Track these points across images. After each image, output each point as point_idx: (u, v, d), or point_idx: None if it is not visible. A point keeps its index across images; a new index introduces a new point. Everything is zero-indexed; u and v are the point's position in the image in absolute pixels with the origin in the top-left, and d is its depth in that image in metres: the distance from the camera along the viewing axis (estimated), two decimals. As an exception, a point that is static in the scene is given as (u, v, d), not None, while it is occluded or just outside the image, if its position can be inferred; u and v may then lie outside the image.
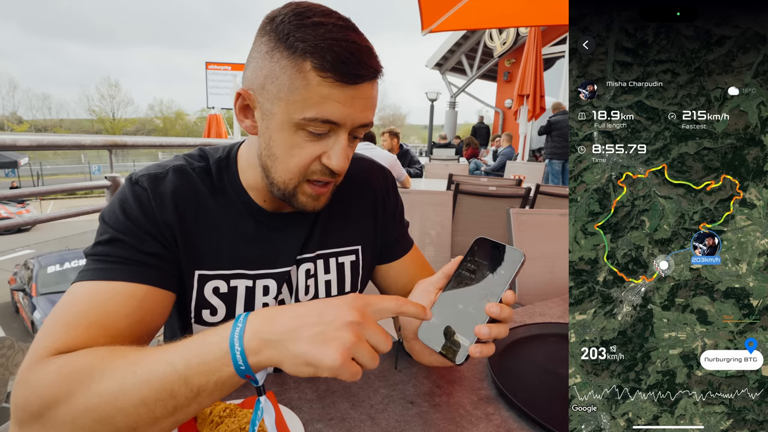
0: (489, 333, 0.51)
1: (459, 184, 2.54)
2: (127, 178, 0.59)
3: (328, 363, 0.41)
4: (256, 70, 0.55)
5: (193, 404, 0.42)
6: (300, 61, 0.51)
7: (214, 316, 0.62)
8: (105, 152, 2.74)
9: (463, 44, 11.12)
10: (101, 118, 40.89)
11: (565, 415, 0.54)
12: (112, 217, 0.55)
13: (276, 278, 0.65)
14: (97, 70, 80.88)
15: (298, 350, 0.41)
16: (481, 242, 0.57)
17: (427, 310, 0.51)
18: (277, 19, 0.53)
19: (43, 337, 0.47)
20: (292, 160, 0.56)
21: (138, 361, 0.42)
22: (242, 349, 0.41)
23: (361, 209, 0.75)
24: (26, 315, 4.94)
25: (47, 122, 44.60)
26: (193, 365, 0.41)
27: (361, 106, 0.55)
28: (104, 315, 0.50)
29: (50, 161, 24.53)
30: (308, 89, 0.51)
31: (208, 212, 0.61)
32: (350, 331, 0.42)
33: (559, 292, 1.40)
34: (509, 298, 0.52)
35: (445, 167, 4.90)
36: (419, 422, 0.53)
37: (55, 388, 0.41)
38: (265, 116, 0.56)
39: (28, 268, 5.31)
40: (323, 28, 0.51)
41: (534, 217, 1.50)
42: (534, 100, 5.56)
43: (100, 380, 0.41)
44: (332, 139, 0.56)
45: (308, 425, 0.52)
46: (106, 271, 0.52)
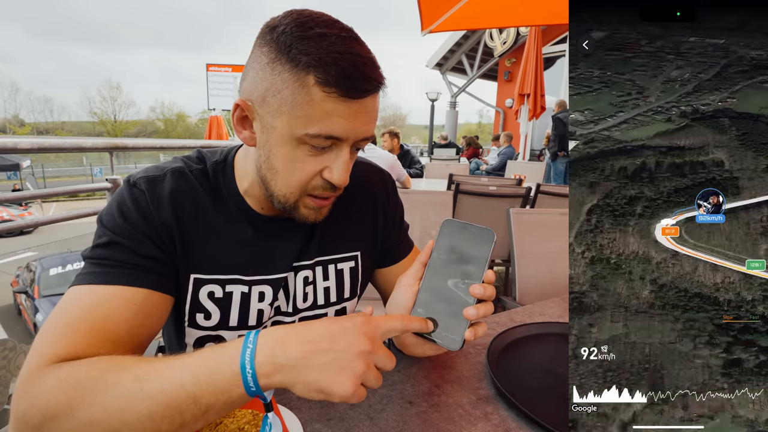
0: (477, 313, 0.52)
1: (459, 184, 2.55)
2: (124, 180, 0.59)
3: (341, 392, 0.42)
4: (256, 82, 0.53)
5: (200, 421, 0.42)
6: (303, 75, 0.49)
7: (208, 320, 0.62)
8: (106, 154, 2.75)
9: (464, 44, 11.11)
10: (103, 120, 41.02)
11: (564, 414, 0.54)
12: (110, 220, 0.55)
13: (272, 284, 0.64)
14: (99, 73, 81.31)
15: (310, 378, 0.42)
16: (450, 224, 0.57)
17: (428, 322, 0.53)
18: (278, 29, 0.51)
19: (43, 343, 0.47)
20: (294, 174, 0.55)
21: (144, 377, 0.42)
22: (254, 371, 0.41)
23: (361, 214, 0.74)
24: (29, 317, 4.95)
25: (49, 125, 44.76)
26: (202, 385, 0.41)
27: (364, 120, 0.54)
28: (103, 319, 0.49)
29: (52, 164, 24.62)
30: (311, 105, 0.50)
31: (206, 216, 0.60)
32: (362, 361, 0.43)
33: (559, 292, 1.39)
34: (490, 277, 0.54)
35: (445, 167, 4.89)
36: (418, 422, 0.53)
37: (55, 402, 0.41)
38: (265, 129, 0.55)
39: (31, 271, 5.32)
40: (326, 40, 0.50)
41: (534, 217, 1.50)
42: (535, 99, 5.55)
43: (104, 394, 0.41)
44: (334, 153, 0.55)
45: (307, 425, 0.52)
46: (104, 275, 0.52)
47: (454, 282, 0.55)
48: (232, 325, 0.63)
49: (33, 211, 12.03)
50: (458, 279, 0.55)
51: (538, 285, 1.43)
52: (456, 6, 2.06)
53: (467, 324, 0.53)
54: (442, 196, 1.97)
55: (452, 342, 0.53)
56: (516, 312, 0.92)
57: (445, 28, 2.23)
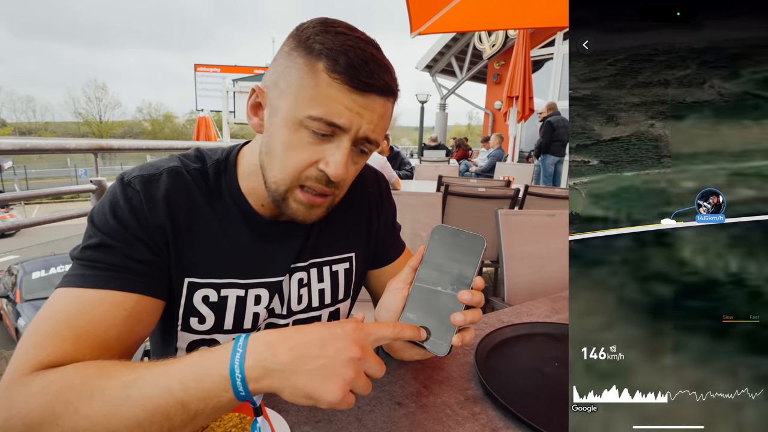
0: (465, 319, 0.53)
1: (449, 185, 2.56)
2: (118, 178, 0.56)
3: (329, 399, 0.42)
4: (274, 69, 0.56)
5: (188, 426, 0.41)
6: (314, 60, 0.52)
7: (202, 324, 0.61)
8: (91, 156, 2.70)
9: (453, 46, 11.18)
10: (88, 120, 40.22)
11: (550, 413, 0.55)
12: (102, 220, 0.53)
13: (268, 287, 0.64)
14: (84, 72, 79.70)
15: (299, 383, 0.42)
16: (440, 230, 0.58)
17: (421, 330, 0.53)
18: (303, 25, 0.55)
19: (27, 348, 0.45)
20: (290, 160, 0.55)
21: (131, 384, 0.41)
22: (243, 376, 0.41)
23: (356, 216, 0.74)
24: (10, 322, 4.83)
25: (32, 125, 43.75)
26: (191, 390, 0.40)
27: (368, 118, 0.54)
28: (91, 324, 0.48)
29: (35, 165, 24.07)
30: (317, 88, 0.52)
31: (202, 218, 0.59)
32: (351, 368, 0.43)
33: (547, 292, 1.41)
34: (479, 284, 0.54)
35: (435, 169, 4.91)
36: (406, 423, 0.54)
37: (39, 411, 0.40)
38: (272, 112, 0.56)
39: (12, 274, 5.19)
40: (344, 37, 0.53)
41: (522, 218, 1.52)
42: (523, 101, 5.61)
43: (90, 402, 0.40)
44: (334, 144, 0.54)
45: (295, 428, 0.52)
46: (93, 278, 0.50)
47: (443, 287, 0.55)
48: (227, 329, 0.62)
49: (15, 213, 11.75)
50: (447, 285, 0.55)
51: (526, 286, 1.44)
52: (445, 8, 2.07)
53: (455, 329, 0.53)
54: (432, 198, 1.98)
55: (439, 347, 0.53)
56: (504, 312, 0.93)
57: (434, 30, 2.24)
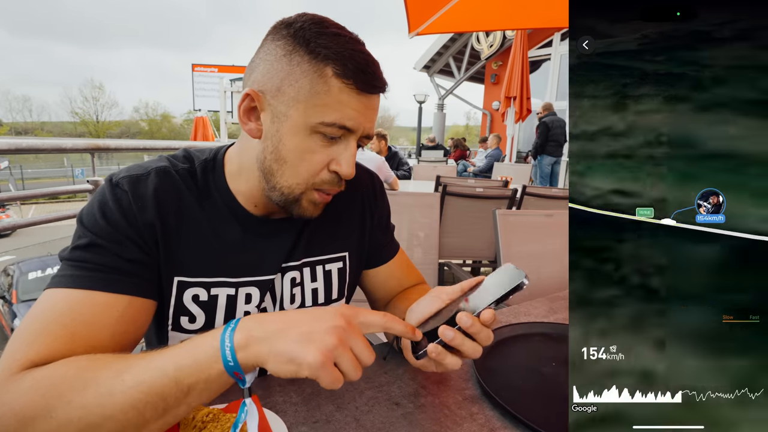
0: (451, 337, 0.51)
1: (447, 185, 2.56)
2: (106, 179, 0.57)
3: (309, 360, 0.42)
4: (271, 72, 0.55)
5: (182, 404, 0.42)
6: (322, 66, 0.53)
7: (193, 323, 0.61)
8: (88, 156, 2.69)
9: (451, 47, 11.19)
10: (84, 120, 40.06)
11: (548, 413, 0.55)
12: (91, 220, 0.53)
13: (259, 286, 0.63)
14: (81, 71, 79.30)
15: (282, 348, 0.43)
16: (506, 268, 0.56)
17: (417, 331, 0.53)
18: (296, 24, 0.54)
19: (17, 347, 0.45)
20: (303, 165, 0.56)
21: (125, 370, 0.42)
22: (232, 344, 0.43)
23: (349, 215, 0.74)
24: (6, 323, 4.80)
25: (28, 125, 43.54)
26: (184, 366, 0.42)
27: (370, 117, 0.57)
28: (83, 325, 0.48)
29: (32, 165, 23.95)
30: (329, 94, 0.53)
31: (192, 216, 0.59)
32: (334, 335, 0.43)
33: (545, 293, 1.41)
34: (486, 317, 0.52)
35: (433, 169, 4.92)
36: (404, 423, 0.54)
37: (32, 405, 0.40)
38: (276, 119, 0.55)
39: (8, 275, 5.16)
40: (342, 39, 0.54)
41: (520, 218, 1.52)
42: (521, 102, 5.63)
43: (84, 392, 0.41)
44: (342, 145, 0.57)
45: (293, 428, 0.51)
46: (83, 279, 0.50)
47: (463, 310, 0.54)
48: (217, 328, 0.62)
49: (11, 213, 11.69)
50: (466, 308, 0.54)
51: (524, 285, 1.44)
52: (443, 9, 2.07)
53: (436, 340, 0.52)
54: (430, 198, 1.98)
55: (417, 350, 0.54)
56: (501, 312, 0.93)
57: (432, 31, 2.24)
